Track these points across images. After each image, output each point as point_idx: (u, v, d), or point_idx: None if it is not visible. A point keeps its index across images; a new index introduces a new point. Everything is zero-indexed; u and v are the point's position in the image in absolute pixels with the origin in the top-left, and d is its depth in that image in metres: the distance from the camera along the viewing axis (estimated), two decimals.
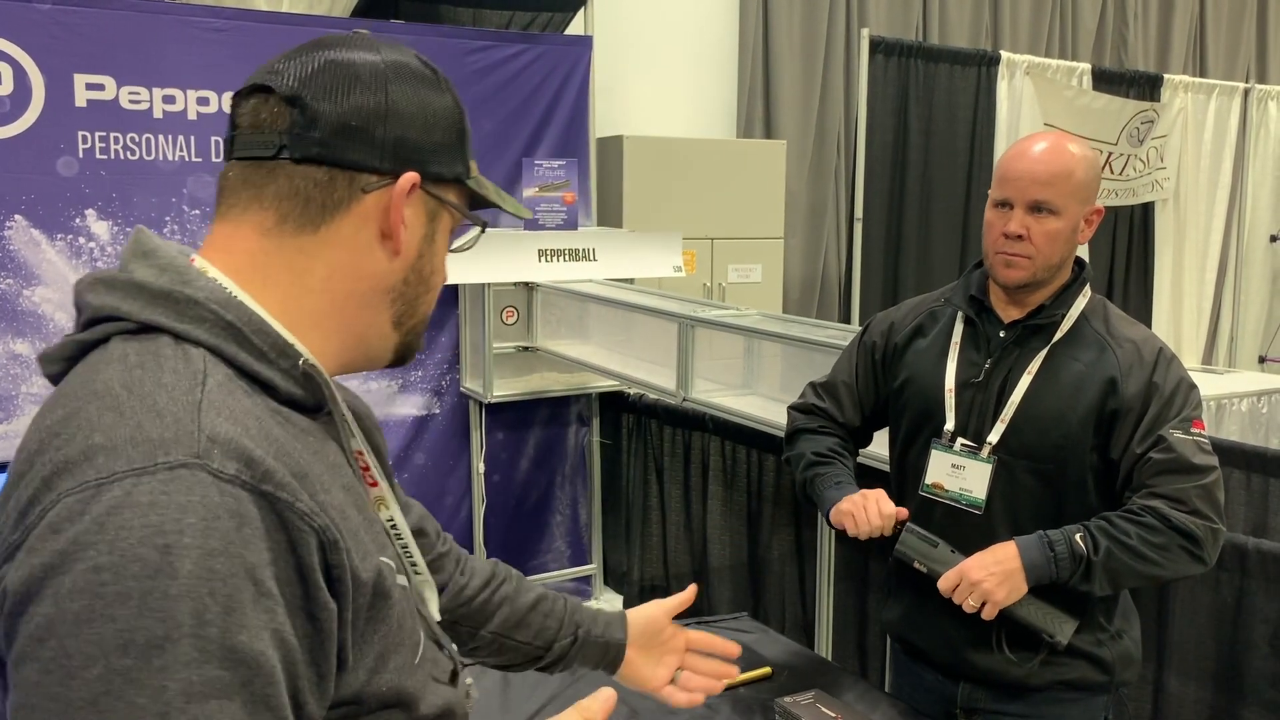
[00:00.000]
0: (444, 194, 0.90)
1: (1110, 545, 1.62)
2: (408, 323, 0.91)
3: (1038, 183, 1.69)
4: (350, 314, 0.87)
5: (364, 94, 0.84)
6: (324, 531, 0.73)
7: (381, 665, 0.81)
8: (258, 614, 0.68)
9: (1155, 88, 5.67)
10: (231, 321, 0.79)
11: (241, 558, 0.68)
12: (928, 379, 1.84)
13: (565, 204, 3.99)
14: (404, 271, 0.88)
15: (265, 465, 0.71)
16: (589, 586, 4.50)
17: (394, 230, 0.86)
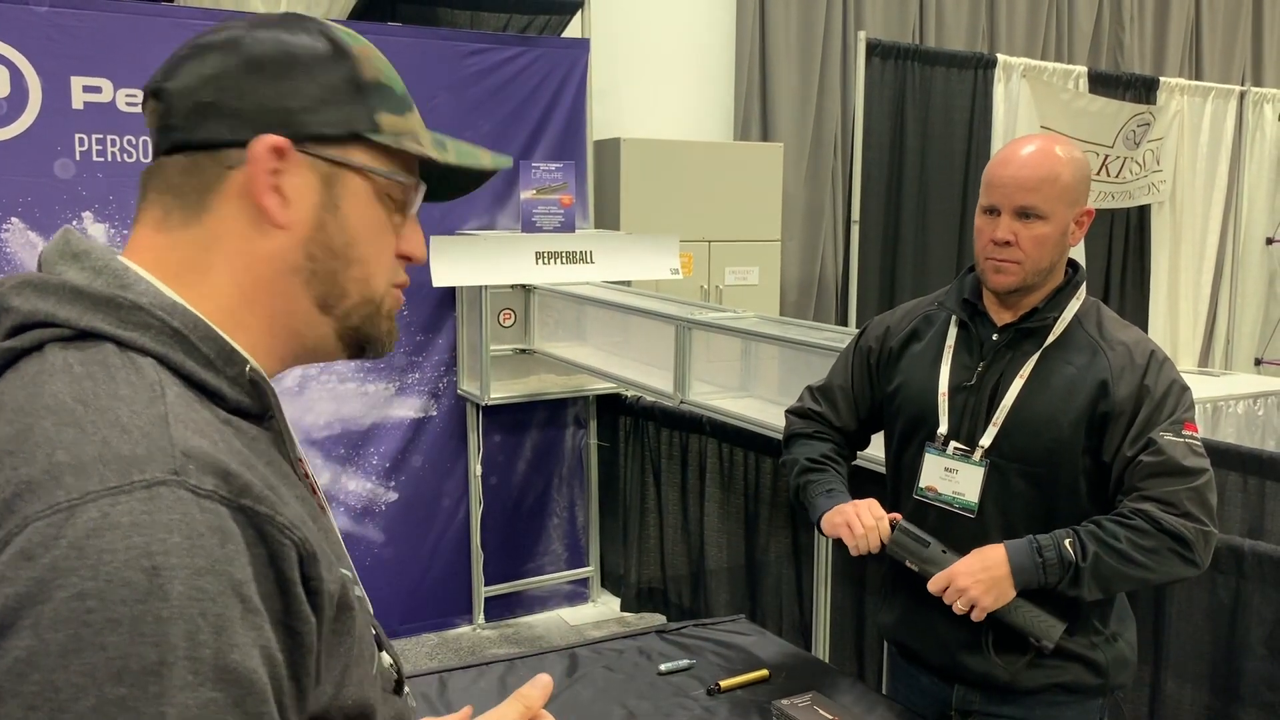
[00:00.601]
0: (341, 155, 0.81)
1: (1099, 550, 1.63)
2: (340, 305, 0.83)
3: (1023, 188, 1.69)
4: (265, 304, 0.81)
5: (216, 67, 0.78)
6: (303, 544, 0.71)
7: (347, 678, 0.78)
8: (247, 631, 0.66)
9: (1151, 90, 5.68)
10: (178, 328, 0.75)
11: (228, 575, 0.65)
12: (922, 383, 1.85)
13: (562, 206, 4.00)
14: (303, 246, 0.81)
15: (242, 479, 0.69)
16: (586, 589, 4.50)
17: (259, 202, 0.78)
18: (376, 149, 0.83)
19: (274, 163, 0.79)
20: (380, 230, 0.85)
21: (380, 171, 0.83)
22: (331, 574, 0.75)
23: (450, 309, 4.03)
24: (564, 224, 4.01)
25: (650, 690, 1.92)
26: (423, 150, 0.85)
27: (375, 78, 0.84)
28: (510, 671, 1.99)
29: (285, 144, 0.79)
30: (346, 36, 0.84)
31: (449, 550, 4.16)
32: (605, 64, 4.60)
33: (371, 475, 3.96)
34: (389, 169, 0.84)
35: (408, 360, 3.97)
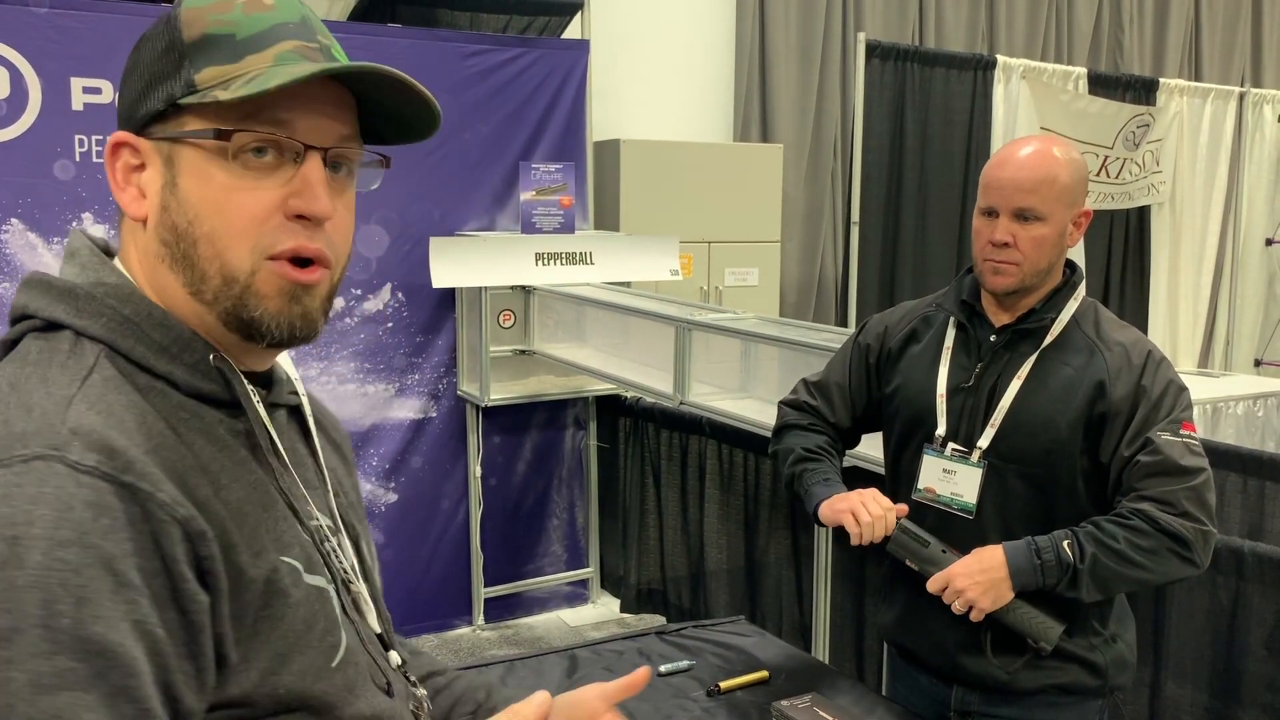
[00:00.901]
0: (175, 129, 0.79)
1: (1097, 551, 1.62)
2: (207, 289, 0.79)
3: (1022, 190, 1.69)
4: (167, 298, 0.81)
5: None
6: (188, 523, 0.71)
7: (280, 666, 0.77)
8: (116, 605, 0.66)
9: (1151, 92, 5.68)
10: (129, 316, 0.78)
11: (98, 548, 0.66)
12: (920, 384, 1.84)
13: (562, 207, 4.00)
14: (155, 233, 0.80)
15: (127, 456, 0.69)
16: (586, 590, 4.50)
17: (116, 198, 0.81)
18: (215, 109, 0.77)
19: (127, 158, 0.80)
20: (226, 195, 0.78)
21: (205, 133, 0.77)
22: (259, 560, 0.76)
23: (450, 310, 4.03)
24: (564, 225, 4.01)
25: (650, 691, 1.92)
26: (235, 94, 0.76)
27: (202, 32, 0.78)
28: (510, 672, 1.99)
29: (125, 136, 0.80)
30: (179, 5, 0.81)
31: (448, 551, 4.16)
32: (605, 65, 4.60)
33: (371, 476, 3.96)
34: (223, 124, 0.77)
35: (407, 361, 3.97)
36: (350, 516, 0.95)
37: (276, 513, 0.81)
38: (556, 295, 3.94)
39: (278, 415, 0.88)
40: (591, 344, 4.02)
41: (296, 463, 0.88)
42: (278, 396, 0.88)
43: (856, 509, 1.74)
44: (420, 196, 3.87)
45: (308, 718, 0.79)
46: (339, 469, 0.98)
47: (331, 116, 0.81)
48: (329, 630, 0.82)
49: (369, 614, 0.93)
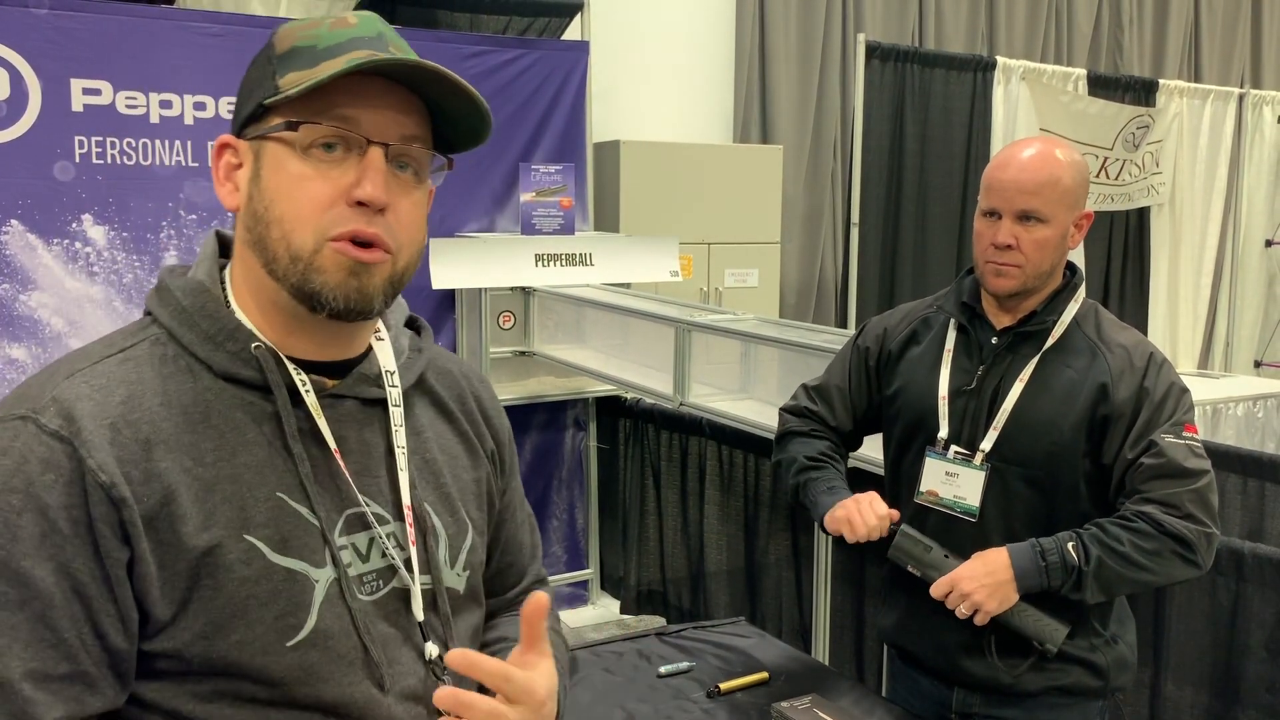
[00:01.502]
0: (263, 129, 0.90)
1: (1102, 553, 1.62)
2: (277, 267, 0.89)
3: (1024, 192, 1.69)
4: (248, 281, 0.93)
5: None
6: (109, 489, 0.81)
7: (214, 633, 0.84)
8: (44, 547, 0.79)
9: (1150, 93, 5.68)
10: (185, 307, 0.90)
11: (38, 498, 0.80)
12: (921, 387, 1.84)
13: (562, 209, 4.00)
14: (243, 221, 0.92)
15: (80, 424, 0.82)
16: (585, 591, 4.50)
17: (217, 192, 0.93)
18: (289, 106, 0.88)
19: (227, 157, 0.92)
20: (296, 184, 0.87)
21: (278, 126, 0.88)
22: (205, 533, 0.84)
23: (450, 311, 4.02)
24: (563, 226, 4.00)
25: (650, 693, 1.92)
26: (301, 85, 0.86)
27: (291, 45, 0.91)
28: None
29: (227, 138, 0.93)
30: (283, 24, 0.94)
31: None
32: (605, 66, 4.60)
33: None
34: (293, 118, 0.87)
35: None
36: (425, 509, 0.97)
37: (262, 493, 0.87)
38: (556, 296, 3.94)
39: (343, 404, 0.93)
40: (591, 345, 4.02)
41: (347, 451, 0.92)
42: (347, 388, 0.94)
43: (853, 516, 1.76)
44: None
45: (249, 685, 0.86)
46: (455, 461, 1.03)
47: (395, 116, 0.90)
48: (290, 611, 0.86)
49: (415, 601, 0.94)
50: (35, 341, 3.33)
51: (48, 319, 3.34)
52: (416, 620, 0.95)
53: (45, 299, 3.33)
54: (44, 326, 3.34)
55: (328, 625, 0.88)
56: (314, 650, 0.87)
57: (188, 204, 3.47)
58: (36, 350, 3.33)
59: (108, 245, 3.38)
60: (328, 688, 0.88)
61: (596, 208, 4.39)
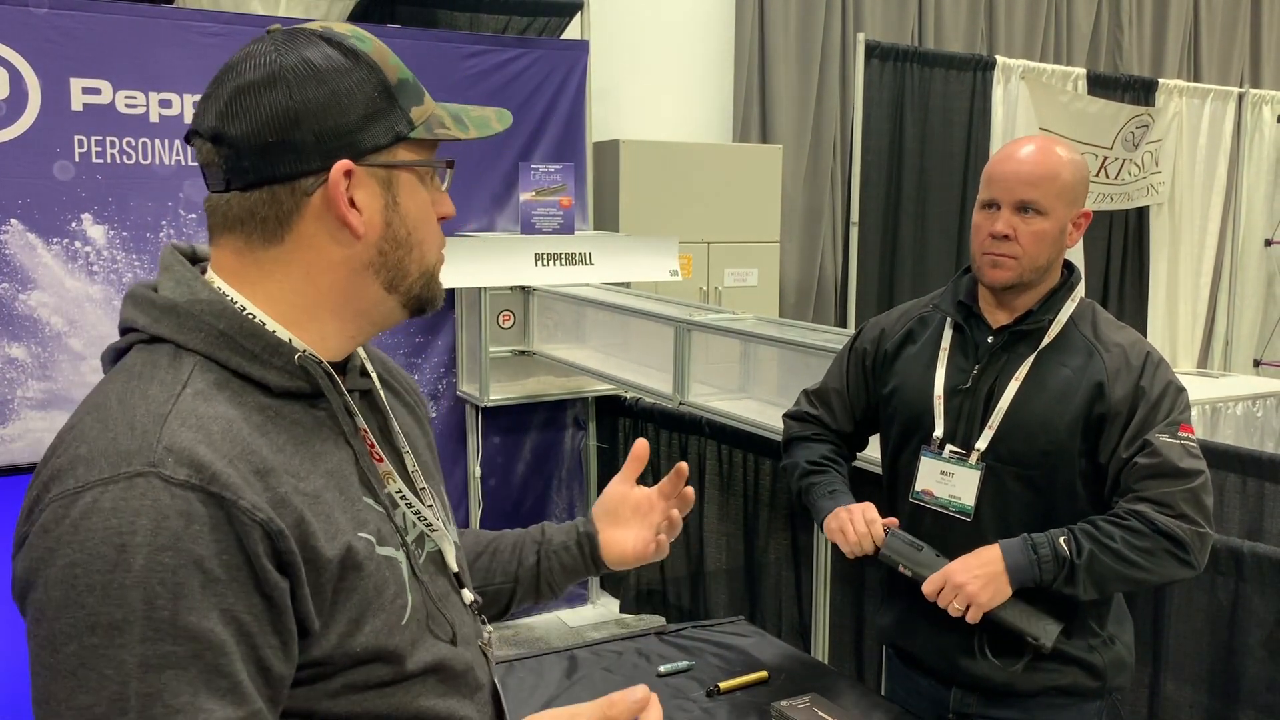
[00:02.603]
0: (392, 158, 0.94)
1: (1094, 549, 1.62)
2: (403, 284, 0.96)
3: (1024, 183, 1.69)
4: (338, 298, 0.94)
5: (272, 108, 0.89)
6: (267, 524, 0.82)
7: (356, 629, 0.89)
8: (206, 597, 0.79)
9: (1150, 92, 5.68)
10: (224, 330, 0.89)
11: (190, 551, 0.79)
12: (917, 386, 1.85)
13: (561, 208, 4.00)
14: (375, 246, 0.94)
15: (214, 468, 0.81)
16: (585, 590, 4.50)
17: (344, 220, 0.91)
18: (413, 140, 0.95)
19: (346, 183, 0.91)
20: (426, 210, 0.99)
21: (424, 163, 0.97)
22: (334, 542, 0.88)
23: (449, 310, 4.03)
24: (563, 225, 4.01)
25: None
26: (451, 134, 0.98)
27: (398, 77, 0.95)
28: (510, 673, 1.99)
29: (353, 166, 0.91)
30: (356, 40, 0.94)
31: None
32: (604, 66, 4.60)
33: None
34: (427, 156, 0.98)
35: (406, 361, 3.97)
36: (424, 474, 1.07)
37: (352, 494, 0.93)
38: (556, 296, 3.94)
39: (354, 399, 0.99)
40: (591, 344, 4.02)
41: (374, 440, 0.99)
42: (353, 383, 1.00)
43: (845, 526, 1.78)
44: None
45: (380, 667, 0.92)
46: (414, 431, 1.10)
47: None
48: (398, 594, 0.94)
49: (449, 555, 1.06)
50: (35, 340, 3.33)
51: (47, 318, 3.34)
52: (453, 572, 1.06)
53: (45, 298, 3.33)
54: (44, 326, 3.34)
55: (418, 599, 0.97)
56: (415, 623, 0.96)
57: (187, 203, 3.47)
58: (36, 349, 3.34)
59: (107, 244, 3.38)
60: (427, 653, 0.97)
61: (596, 207, 4.39)
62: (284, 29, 0.94)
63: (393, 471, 0.99)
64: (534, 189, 3.97)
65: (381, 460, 0.98)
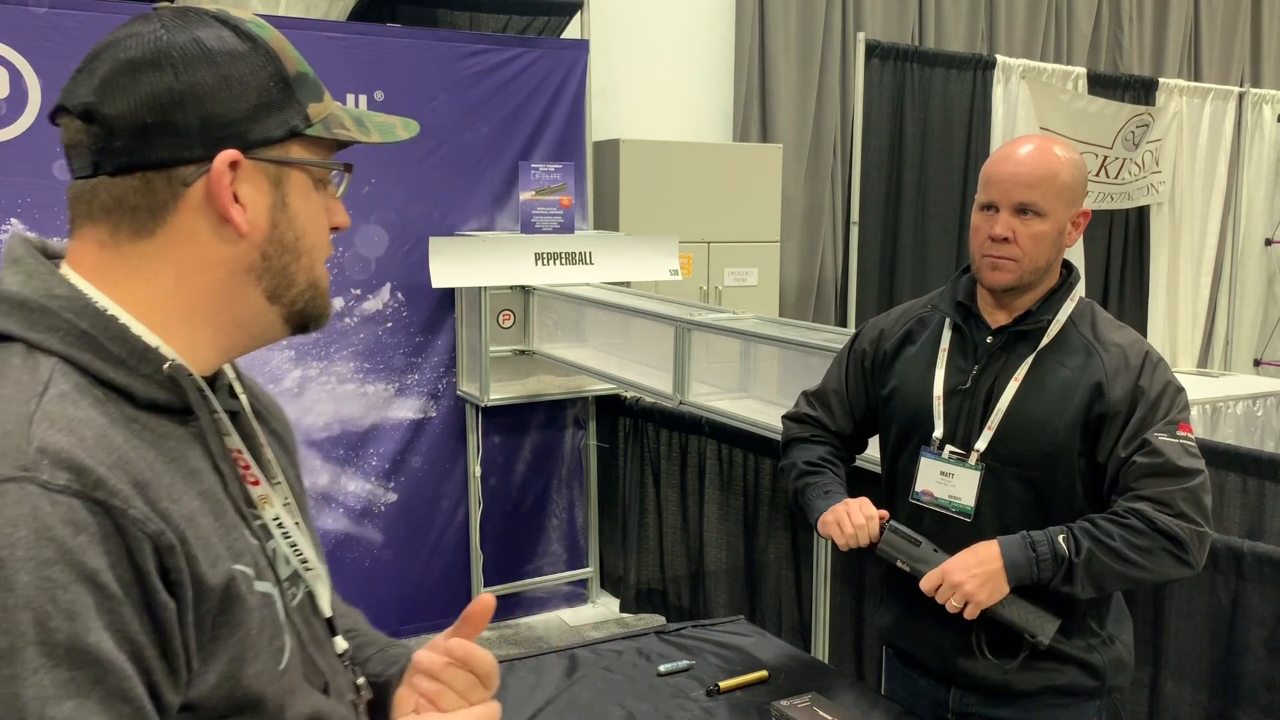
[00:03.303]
0: (283, 154, 0.86)
1: (1092, 547, 1.62)
2: (287, 294, 0.88)
3: (1023, 184, 1.69)
4: (215, 303, 0.85)
5: (153, 87, 0.80)
6: (158, 536, 0.74)
7: (238, 670, 0.80)
8: (102, 615, 0.70)
9: (1150, 91, 5.68)
10: (85, 330, 0.79)
11: (80, 564, 0.69)
12: (916, 386, 1.84)
13: (562, 207, 4.00)
14: (259, 248, 0.86)
15: (97, 474, 0.72)
16: (585, 590, 4.50)
17: (226, 214, 0.83)
18: (309, 139, 0.87)
19: (230, 175, 0.82)
20: (318, 215, 0.90)
21: (319, 164, 0.88)
22: (215, 569, 0.78)
23: (450, 310, 4.03)
24: (563, 225, 4.01)
25: (649, 691, 1.93)
26: (351, 135, 0.89)
27: (297, 69, 0.87)
28: (510, 672, 1.99)
29: (239, 157, 0.83)
30: (256, 28, 0.86)
31: (448, 551, 4.16)
32: (604, 65, 4.60)
33: (371, 476, 3.96)
34: (323, 158, 0.89)
35: (407, 361, 3.97)
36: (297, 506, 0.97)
37: (227, 520, 0.83)
38: (556, 295, 3.94)
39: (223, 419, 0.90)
40: (591, 344, 4.03)
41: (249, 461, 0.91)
42: (221, 403, 0.90)
43: (841, 519, 1.78)
44: (420, 196, 3.87)
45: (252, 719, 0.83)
46: (283, 459, 0.99)
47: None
48: (275, 635, 0.85)
49: (323, 598, 0.96)
50: None
51: None
52: (325, 617, 0.97)
53: None
54: None
55: (292, 642, 0.88)
56: (294, 669, 0.88)
57: None
58: None
59: None
60: (305, 704, 0.88)
61: (596, 206, 4.39)
62: (174, 6, 0.87)
63: (270, 496, 0.90)
64: (534, 188, 3.97)
65: (258, 483, 0.90)
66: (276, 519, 0.90)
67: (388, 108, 3.76)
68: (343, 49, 3.69)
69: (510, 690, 1.93)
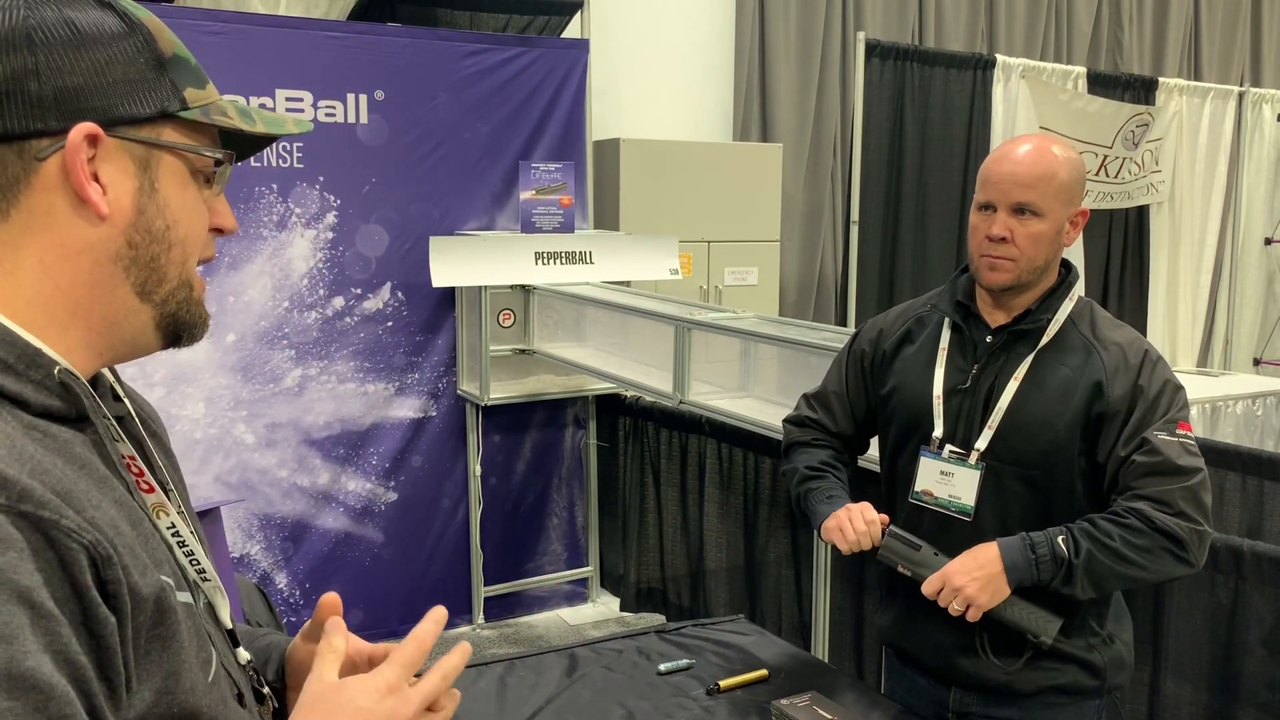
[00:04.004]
0: (153, 135, 0.80)
1: (1092, 547, 1.62)
2: (158, 291, 0.81)
3: (1020, 184, 1.69)
4: (83, 297, 0.78)
5: (6, 55, 0.74)
6: (94, 547, 0.69)
7: (174, 684, 0.76)
8: (39, 637, 0.65)
9: (1150, 91, 5.68)
10: None
11: (12, 583, 0.64)
12: (916, 386, 1.84)
13: (562, 207, 4.00)
14: (124, 234, 0.79)
15: (21, 484, 0.67)
16: (585, 589, 4.51)
17: (82, 192, 0.76)
18: (185, 125, 0.82)
19: (89, 151, 0.76)
20: (195, 208, 0.83)
21: (193, 148, 0.82)
22: (146, 578, 0.74)
23: (450, 309, 4.03)
24: (563, 224, 4.01)
25: (650, 690, 1.93)
26: (233, 123, 0.84)
27: (173, 51, 0.82)
28: (510, 671, 1.99)
29: (99, 131, 0.76)
30: (132, 7, 0.81)
31: (448, 550, 4.16)
32: (605, 64, 4.60)
33: (371, 475, 3.96)
34: (200, 144, 0.83)
35: (407, 360, 3.98)
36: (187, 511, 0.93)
37: (144, 529, 0.78)
38: (556, 295, 3.94)
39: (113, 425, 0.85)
40: (591, 343, 4.03)
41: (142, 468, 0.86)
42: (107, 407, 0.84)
43: (843, 525, 1.77)
44: (420, 196, 3.87)
45: None
46: (166, 464, 0.94)
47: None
48: (202, 646, 0.82)
49: (223, 610, 0.92)
50: None
51: None
52: (226, 628, 0.92)
53: None
54: None
55: (213, 651, 0.84)
56: (220, 683, 0.84)
57: None
58: None
59: None
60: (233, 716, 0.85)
61: (596, 206, 4.40)
62: None
63: (164, 504, 0.85)
64: (534, 188, 3.97)
65: (152, 490, 0.84)
66: (172, 528, 0.85)
67: (388, 107, 3.77)
68: (342, 48, 3.69)
69: (510, 689, 1.93)
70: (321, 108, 3.67)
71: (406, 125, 3.81)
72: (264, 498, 3.77)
